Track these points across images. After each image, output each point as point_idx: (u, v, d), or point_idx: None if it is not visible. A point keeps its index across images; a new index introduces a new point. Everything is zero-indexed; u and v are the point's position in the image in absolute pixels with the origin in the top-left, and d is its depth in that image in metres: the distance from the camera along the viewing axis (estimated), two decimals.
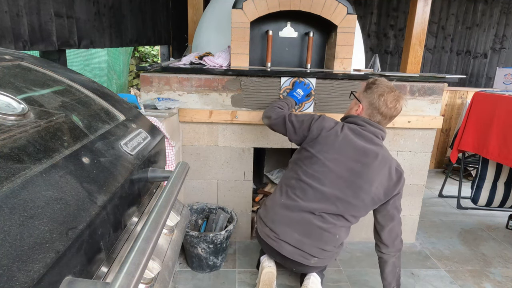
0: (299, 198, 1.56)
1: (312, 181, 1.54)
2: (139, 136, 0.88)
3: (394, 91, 1.55)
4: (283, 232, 1.59)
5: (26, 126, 0.57)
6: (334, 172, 1.52)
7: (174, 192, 0.72)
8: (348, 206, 1.54)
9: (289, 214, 1.58)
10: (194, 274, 1.99)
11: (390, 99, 1.52)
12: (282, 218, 1.59)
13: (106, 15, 2.26)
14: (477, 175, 2.82)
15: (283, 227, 1.59)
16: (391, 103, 1.52)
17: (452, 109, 3.93)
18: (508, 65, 4.51)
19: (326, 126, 1.57)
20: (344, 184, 1.53)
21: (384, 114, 1.55)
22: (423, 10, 2.97)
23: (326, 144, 1.53)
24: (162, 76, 2.05)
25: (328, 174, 1.53)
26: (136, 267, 0.48)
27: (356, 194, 1.52)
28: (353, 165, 1.52)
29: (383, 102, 1.52)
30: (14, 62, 0.80)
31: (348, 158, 1.52)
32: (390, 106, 1.53)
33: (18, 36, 1.50)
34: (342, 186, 1.53)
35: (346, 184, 1.53)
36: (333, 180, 1.53)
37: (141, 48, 5.74)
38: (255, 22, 2.22)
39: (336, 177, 1.52)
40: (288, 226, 1.58)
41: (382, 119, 1.57)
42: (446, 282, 2.01)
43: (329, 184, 1.53)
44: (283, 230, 1.59)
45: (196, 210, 2.20)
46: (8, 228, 0.40)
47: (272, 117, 1.74)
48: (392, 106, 1.53)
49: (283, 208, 1.60)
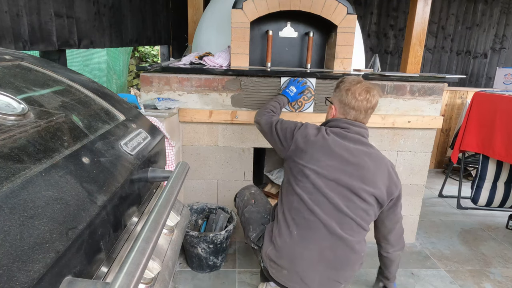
0: (312, 219, 1.40)
1: (316, 196, 1.40)
2: (139, 136, 0.88)
3: (361, 82, 1.47)
4: (306, 273, 1.41)
5: (26, 126, 0.57)
6: (333, 180, 1.40)
7: (174, 192, 0.72)
8: (359, 212, 1.43)
9: (308, 247, 1.41)
10: (194, 274, 1.99)
11: (358, 90, 1.44)
12: (302, 256, 1.41)
13: (106, 15, 2.26)
14: (477, 175, 2.82)
15: (306, 267, 1.41)
16: (360, 95, 1.44)
17: (452, 109, 3.93)
18: (508, 65, 4.51)
19: (310, 133, 1.47)
20: (346, 191, 1.41)
21: (356, 107, 1.46)
22: (423, 10, 2.97)
23: (315, 152, 1.42)
24: (162, 76, 2.05)
25: (327, 185, 1.40)
26: (136, 267, 0.48)
27: (361, 197, 1.41)
28: (349, 169, 1.41)
29: (351, 95, 1.45)
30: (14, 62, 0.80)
31: (342, 162, 1.41)
32: (360, 98, 1.44)
33: (18, 36, 1.50)
34: (345, 193, 1.41)
35: (348, 191, 1.41)
36: (335, 189, 1.40)
37: (141, 48, 5.74)
38: (255, 22, 2.22)
39: (337, 184, 1.41)
40: (310, 263, 1.41)
41: (357, 114, 1.48)
42: (446, 282, 2.01)
43: (333, 195, 1.39)
44: (306, 271, 1.40)
45: (196, 210, 2.20)
46: (8, 228, 0.40)
47: (261, 123, 1.67)
48: (363, 97, 1.44)
49: (300, 244, 1.41)
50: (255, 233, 1.63)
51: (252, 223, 1.67)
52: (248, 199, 1.76)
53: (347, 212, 1.40)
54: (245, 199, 1.77)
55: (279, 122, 1.59)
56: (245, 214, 1.71)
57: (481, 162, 2.77)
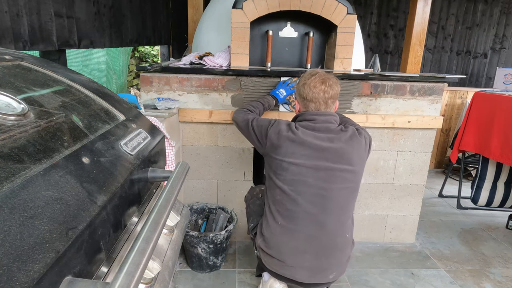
0: (294, 209, 1.45)
1: (296, 186, 1.45)
2: (139, 136, 0.88)
3: (316, 74, 1.49)
4: (294, 260, 1.47)
5: (26, 126, 0.57)
6: (311, 167, 1.44)
7: (174, 192, 0.72)
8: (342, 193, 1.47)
9: (294, 236, 1.46)
10: (194, 274, 1.99)
11: (312, 83, 1.47)
12: (288, 245, 1.47)
13: (106, 15, 2.26)
14: (477, 175, 2.82)
15: (293, 255, 1.47)
16: (315, 87, 1.46)
17: (452, 109, 3.93)
18: (508, 65, 4.51)
19: (282, 128, 1.49)
20: (326, 175, 1.44)
21: (314, 99, 1.48)
22: (423, 10, 2.97)
23: (289, 146, 1.45)
24: (162, 76, 2.05)
25: (307, 172, 1.44)
26: (136, 267, 0.48)
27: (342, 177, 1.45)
28: (324, 154, 1.44)
29: (307, 88, 1.47)
30: (14, 62, 0.80)
31: (316, 149, 1.44)
32: (316, 90, 1.46)
33: (18, 36, 1.50)
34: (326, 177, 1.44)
35: (328, 174, 1.44)
36: (314, 175, 1.44)
37: (141, 48, 5.74)
38: (255, 22, 2.22)
39: (315, 170, 1.44)
40: (297, 251, 1.46)
41: (317, 106, 1.50)
42: (446, 282, 2.01)
43: (314, 181, 1.44)
44: (293, 258, 1.47)
45: (196, 210, 2.20)
46: (8, 228, 0.40)
47: (238, 121, 1.68)
48: (319, 89, 1.46)
49: (285, 233, 1.47)
50: (252, 223, 1.71)
51: (252, 214, 1.75)
52: (256, 194, 1.83)
53: (330, 196, 1.45)
54: (254, 194, 1.84)
55: (255, 120, 1.61)
56: (250, 206, 1.79)
57: (481, 162, 2.77)
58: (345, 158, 1.45)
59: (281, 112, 2.10)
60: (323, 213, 1.46)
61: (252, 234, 1.69)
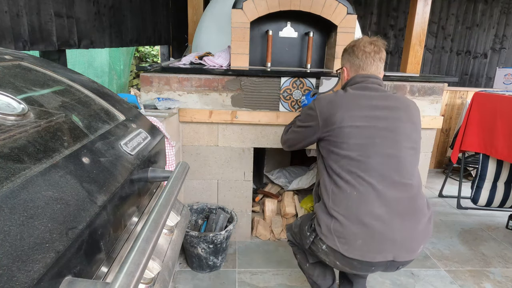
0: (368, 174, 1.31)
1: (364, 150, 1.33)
2: (139, 136, 0.88)
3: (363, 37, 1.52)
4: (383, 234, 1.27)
5: (26, 126, 0.57)
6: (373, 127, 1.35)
7: (174, 192, 0.72)
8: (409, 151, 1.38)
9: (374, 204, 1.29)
10: (194, 274, 1.99)
11: (362, 43, 1.49)
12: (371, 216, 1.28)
13: (106, 15, 2.26)
14: (477, 175, 2.81)
15: (380, 227, 1.27)
16: (366, 47, 1.48)
17: (452, 109, 3.93)
18: (508, 65, 4.51)
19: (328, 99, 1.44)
20: (391, 133, 1.36)
21: (365, 58, 1.48)
22: (423, 10, 2.97)
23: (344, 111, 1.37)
24: (162, 76, 2.05)
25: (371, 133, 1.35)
26: (136, 267, 0.48)
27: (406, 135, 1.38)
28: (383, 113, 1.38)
29: (357, 49, 1.49)
30: (14, 62, 0.80)
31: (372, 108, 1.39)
32: (368, 50, 1.47)
33: (18, 36, 1.50)
34: (391, 135, 1.36)
35: (393, 132, 1.37)
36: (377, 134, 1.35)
37: (141, 48, 5.74)
38: (255, 22, 2.22)
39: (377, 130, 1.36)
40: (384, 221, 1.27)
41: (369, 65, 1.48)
42: (446, 282, 2.01)
43: (380, 141, 1.34)
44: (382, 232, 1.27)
45: (196, 210, 2.20)
46: (8, 228, 0.40)
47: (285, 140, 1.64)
48: (369, 49, 1.48)
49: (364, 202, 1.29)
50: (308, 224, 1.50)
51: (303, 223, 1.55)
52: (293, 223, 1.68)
53: (400, 155, 1.35)
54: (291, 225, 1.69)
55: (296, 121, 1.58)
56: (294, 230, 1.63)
57: (481, 162, 2.77)
58: (403, 116, 1.41)
59: (281, 112, 2.10)
60: (397, 174, 1.33)
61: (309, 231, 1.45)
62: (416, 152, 1.43)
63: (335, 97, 1.44)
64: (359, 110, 1.39)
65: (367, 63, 1.49)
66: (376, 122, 1.37)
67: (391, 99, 1.44)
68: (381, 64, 1.52)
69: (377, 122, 1.37)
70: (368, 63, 1.49)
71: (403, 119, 1.40)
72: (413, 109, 1.46)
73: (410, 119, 1.42)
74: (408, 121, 1.41)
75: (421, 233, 1.33)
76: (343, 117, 1.37)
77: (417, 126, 1.45)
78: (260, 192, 2.70)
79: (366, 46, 1.48)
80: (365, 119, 1.37)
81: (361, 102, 1.41)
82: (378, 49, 1.49)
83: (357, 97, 1.42)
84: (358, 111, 1.39)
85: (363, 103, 1.41)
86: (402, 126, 1.39)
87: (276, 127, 2.14)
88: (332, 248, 1.32)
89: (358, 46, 1.49)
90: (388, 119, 1.38)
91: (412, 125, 1.42)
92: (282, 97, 2.10)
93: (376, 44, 1.49)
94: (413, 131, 1.41)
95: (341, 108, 1.39)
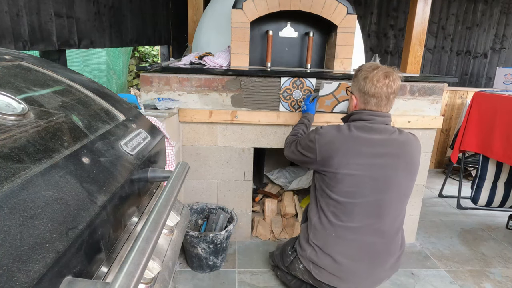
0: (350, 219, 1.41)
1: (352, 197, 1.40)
2: (139, 136, 0.88)
3: (378, 68, 1.41)
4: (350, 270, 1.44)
5: (26, 126, 0.57)
6: (367, 177, 1.38)
7: (174, 192, 0.72)
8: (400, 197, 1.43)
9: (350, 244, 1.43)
10: (194, 274, 1.99)
11: (376, 77, 1.38)
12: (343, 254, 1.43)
13: (106, 15, 2.26)
14: (477, 175, 2.81)
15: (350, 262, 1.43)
16: (379, 81, 1.38)
17: (452, 109, 3.93)
18: (508, 65, 4.51)
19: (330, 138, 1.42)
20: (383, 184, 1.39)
21: (376, 94, 1.39)
22: (423, 10, 2.97)
23: (342, 156, 1.38)
24: (162, 76, 2.05)
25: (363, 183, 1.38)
26: (136, 267, 0.48)
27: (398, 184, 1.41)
28: (380, 161, 1.38)
29: (370, 82, 1.39)
30: (14, 62, 0.80)
31: (371, 156, 1.38)
32: (379, 85, 1.38)
33: (18, 36, 1.50)
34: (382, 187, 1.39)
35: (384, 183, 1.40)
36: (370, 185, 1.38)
37: (141, 48, 5.74)
38: (255, 22, 2.22)
39: (371, 180, 1.38)
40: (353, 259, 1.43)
41: (379, 101, 1.41)
42: (446, 282, 2.01)
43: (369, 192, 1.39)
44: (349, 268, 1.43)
45: (196, 210, 2.20)
46: (8, 228, 0.40)
47: (285, 152, 1.66)
48: (382, 84, 1.38)
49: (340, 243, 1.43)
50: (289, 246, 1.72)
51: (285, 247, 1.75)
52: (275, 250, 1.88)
53: (386, 204, 1.41)
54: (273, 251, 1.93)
55: (298, 144, 1.57)
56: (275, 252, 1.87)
57: (481, 162, 2.77)
58: (401, 164, 1.40)
59: (281, 112, 2.10)
60: (379, 222, 1.42)
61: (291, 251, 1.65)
62: (406, 198, 1.47)
63: (337, 137, 1.41)
64: (358, 157, 1.38)
65: (378, 100, 1.41)
66: (372, 171, 1.39)
67: (393, 145, 1.41)
68: (393, 99, 1.44)
69: (373, 172, 1.39)
70: (379, 100, 1.41)
71: (401, 168, 1.41)
72: (415, 152, 1.44)
73: (408, 168, 1.42)
74: (405, 170, 1.42)
75: (387, 271, 1.49)
76: (340, 164, 1.39)
77: (413, 174, 1.45)
78: (260, 192, 2.70)
79: (379, 80, 1.38)
80: (362, 167, 1.38)
81: (362, 149, 1.38)
82: (391, 83, 1.39)
83: (359, 143, 1.39)
84: (356, 159, 1.38)
85: (364, 151, 1.38)
86: (398, 175, 1.41)
87: (276, 127, 2.14)
88: (307, 269, 1.53)
89: (371, 80, 1.39)
90: (385, 167, 1.39)
91: (408, 175, 1.43)
92: (282, 97, 2.10)
93: (390, 78, 1.39)
94: (408, 180, 1.44)
95: (339, 153, 1.39)
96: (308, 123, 1.83)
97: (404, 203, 1.48)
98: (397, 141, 1.42)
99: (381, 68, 1.41)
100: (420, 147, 1.49)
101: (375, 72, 1.40)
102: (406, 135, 1.46)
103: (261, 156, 2.77)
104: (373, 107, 1.44)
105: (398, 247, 1.50)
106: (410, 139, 1.46)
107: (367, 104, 1.44)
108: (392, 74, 1.40)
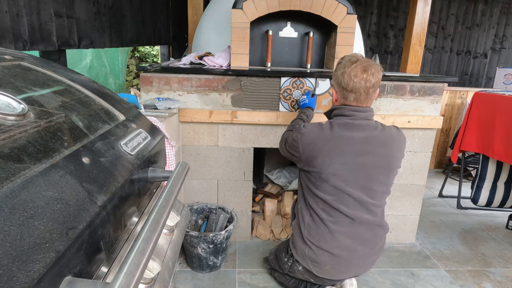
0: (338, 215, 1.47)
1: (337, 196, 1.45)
2: (139, 136, 0.88)
3: (357, 61, 1.35)
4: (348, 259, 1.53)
5: (26, 126, 0.57)
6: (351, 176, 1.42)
7: (174, 192, 0.72)
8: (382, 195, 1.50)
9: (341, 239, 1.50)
10: (194, 274, 1.99)
11: (353, 72, 1.34)
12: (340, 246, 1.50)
13: (106, 15, 2.26)
14: (477, 175, 2.81)
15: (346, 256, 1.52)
16: (356, 76, 1.33)
17: (452, 109, 3.93)
18: (508, 65, 4.51)
19: (314, 136, 1.42)
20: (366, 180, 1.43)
21: (355, 90, 1.36)
22: (423, 10, 2.97)
23: (325, 156, 1.40)
24: (162, 76, 2.05)
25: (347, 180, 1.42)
26: (136, 267, 0.48)
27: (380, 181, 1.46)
28: (362, 159, 1.40)
29: (348, 77, 1.35)
30: (14, 62, 0.80)
31: (354, 155, 1.39)
32: (357, 80, 1.33)
33: (18, 36, 1.50)
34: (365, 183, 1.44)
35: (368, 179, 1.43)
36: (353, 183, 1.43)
37: (141, 48, 5.74)
38: (255, 22, 2.22)
39: (354, 178, 1.42)
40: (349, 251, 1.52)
41: (358, 96, 1.38)
42: (446, 282, 2.01)
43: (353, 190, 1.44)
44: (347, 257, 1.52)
45: (196, 210, 2.20)
46: (8, 228, 0.40)
47: (280, 148, 1.68)
48: (360, 78, 1.33)
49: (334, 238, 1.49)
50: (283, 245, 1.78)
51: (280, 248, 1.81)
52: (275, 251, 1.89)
53: (371, 201, 1.47)
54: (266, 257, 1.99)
55: (286, 142, 1.59)
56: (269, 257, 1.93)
57: (481, 162, 2.77)
58: (382, 161, 1.44)
59: (281, 112, 2.10)
60: (366, 212, 1.49)
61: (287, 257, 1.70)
62: (387, 191, 1.53)
63: (319, 137, 1.41)
64: (340, 156, 1.40)
65: (357, 95, 1.39)
66: (354, 169, 1.42)
67: (375, 143, 1.41)
68: (373, 93, 1.41)
69: (356, 170, 1.43)
70: (358, 95, 1.39)
71: (381, 165, 1.45)
72: (396, 148, 1.47)
73: (387, 165, 1.46)
74: (385, 167, 1.45)
75: (377, 252, 1.59)
76: (324, 164, 1.41)
77: (393, 169, 1.48)
78: (260, 192, 2.70)
79: (357, 75, 1.34)
80: (345, 166, 1.41)
81: (344, 147, 1.39)
82: (370, 77, 1.35)
83: (341, 142, 1.40)
84: (338, 157, 1.40)
85: (346, 149, 1.39)
86: (380, 172, 1.45)
87: (276, 127, 2.14)
88: (307, 269, 1.58)
89: (349, 75, 1.35)
90: (367, 165, 1.42)
91: (387, 171, 1.47)
92: (282, 97, 2.10)
93: (369, 73, 1.35)
94: (389, 177, 1.49)
95: (322, 153, 1.40)
96: (307, 119, 1.80)
97: (385, 196, 1.55)
98: (378, 138, 1.43)
99: (360, 61, 1.37)
100: (404, 141, 1.51)
101: (353, 66, 1.36)
102: (389, 130, 1.47)
103: (261, 156, 2.77)
104: (352, 102, 1.42)
105: (383, 231, 1.59)
106: (393, 134, 1.47)
107: (346, 99, 1.43)
108: (371, 67, 1.36)
